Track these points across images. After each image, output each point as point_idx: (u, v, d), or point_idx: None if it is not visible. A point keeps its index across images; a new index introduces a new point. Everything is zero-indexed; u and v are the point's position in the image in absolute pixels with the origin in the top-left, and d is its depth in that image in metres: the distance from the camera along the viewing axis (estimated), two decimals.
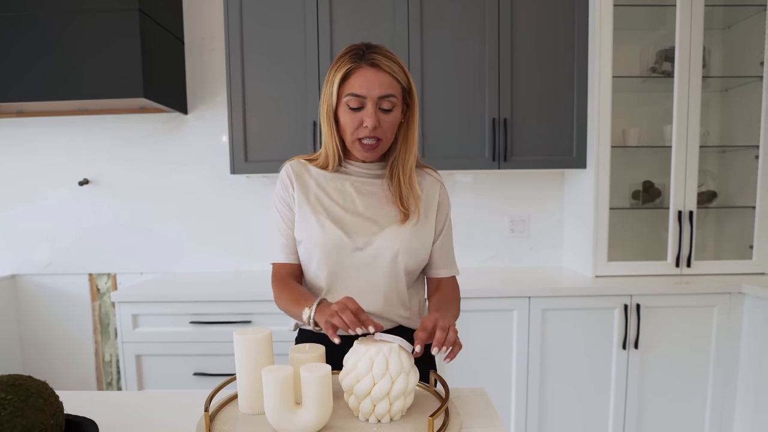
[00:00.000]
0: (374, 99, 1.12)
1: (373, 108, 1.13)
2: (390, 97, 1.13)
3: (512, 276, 2.49)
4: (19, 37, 2.17)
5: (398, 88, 1.15)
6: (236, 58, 2.32)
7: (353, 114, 1.15)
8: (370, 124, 1.13)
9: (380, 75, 1.12)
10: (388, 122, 1.15)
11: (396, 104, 1.15)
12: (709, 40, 2.52)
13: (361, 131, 1.15)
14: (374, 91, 1.12)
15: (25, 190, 2.70)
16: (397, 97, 1.15)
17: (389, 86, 1.13)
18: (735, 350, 2.21)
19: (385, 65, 1.12)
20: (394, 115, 1.16)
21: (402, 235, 1.19)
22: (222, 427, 0.92)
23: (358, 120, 1.14)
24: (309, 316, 1.05)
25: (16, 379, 0.71)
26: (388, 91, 1.13)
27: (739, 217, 2.54)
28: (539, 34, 2.33)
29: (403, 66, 1.16)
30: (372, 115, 1.13)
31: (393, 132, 1.19)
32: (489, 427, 0.94)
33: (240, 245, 2.71)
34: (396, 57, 1.16)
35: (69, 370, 2.79)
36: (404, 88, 1.17)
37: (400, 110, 1.18)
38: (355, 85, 1.13)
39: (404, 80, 1.16)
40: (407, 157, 1.21)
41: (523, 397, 2.22)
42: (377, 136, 1.15)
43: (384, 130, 1.16)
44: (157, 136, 2.66)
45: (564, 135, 2.38)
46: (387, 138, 1.18)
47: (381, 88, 1.12)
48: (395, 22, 2.30)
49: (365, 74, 1.12)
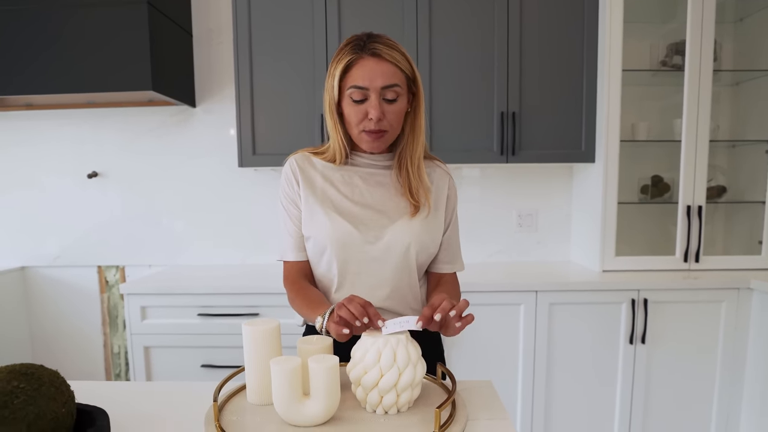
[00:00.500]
0: (377, 90, 1.10)
1: (377, 99, 1.11)
2: (394, 87, 1.11)
3: (519, 270, 2.48)
4: (28, 29, 2.18)
5: (402, 77, 1.13)
6: (244, 51, 2.32)
7: (357, 106, 1.12)
8: (374, 116, 1.11)
9: (382, 65, 1.10)
10: (393, 112, 1.13)
11: (400, 94, 1.13)
12: (721, 33, 2.50)
13: (366, 123, 1.13)
14: (377, 82, 1.10)
15: (33, 182, 2.72)
16: (401, 87, 1.12)
17: (392, 76, 1.11)
18: (743, 346, 2.20)
19: (386, 54, 1.10)
20: (398, 105, 1.14)
21: (413, 228, 1.17)
22: (230, 417, 0.93)
23: (362, 112, 1.12)
24: (321, 325, 1.04)
25: (28, 368, 0.72)
26: (391, 80, 1.10)
27: (748, 213, 2.52)
28: (548, 27, 2.31)
29: (405, 54, 1.13)
30: (376, 106, 1.10)
31: (399, 122, 1.16)
32: (495, 419, 0.94)
33: (247, 238, 2.72)
34: (398, 45, 1.13)
35: (78, 362, 2.81)
36: (408, 76, 1.14)
37: (406, 99, 1.16)
38: (357, 76, 1.10)
39: (408, 68, 1.13)
40: (415, 147, 1.19)
41: (529, 390, 2.22)
42: (382, 128, 1.13)
43: (389, 120, 1.13)
44: (165, 129, 2.66)
45: (573, 129, 2.36)
46: (393, 128, 1.16)
47: (383, 78, 1.10)
48: (404, 13, 2.28)
49: (367, 65, 1.10)
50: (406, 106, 1.16)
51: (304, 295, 1.17)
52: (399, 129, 1.18)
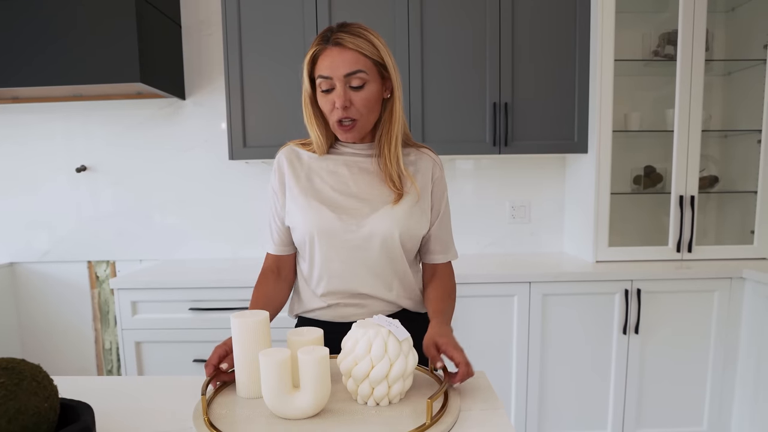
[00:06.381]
0: (341, 78, 1.10)
1: (342, 87, 1.10)
2: (357, 73, 1.10)
3: (513, 261, 2.48)
4: (12, 21, 2.14)
5: (367, 63, 1.11)
6: (234, 43, 2.29)
7: (326, 96, 1.13)
8: (339, 103, 1.11)
9: (345, 53, 1.10)
10: (360, 99, 1.12)
11: (367, 80, 1.11)
12: (713, 23, 2.49)
13: (335, 113, 1.13)
14: (339, 71, 1.10)
15: (21, 177, 2.68)
16: (366, 73, 1.11)
17: (354, 63, 1.10)
18: (735, 335, 2.21)
19: (349, 43, 1.09)
20: (366, 92, 1.12)
21: (395, 216, 1.17)
22: (220, 410, 0.91)
23: (330, 102, 1.13)
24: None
25: (9, 363, 0.70)
26: (354, 67, 1.10)
27: (740, 202, 2.53)
28: (540, 17, 2.30)
29: (372, 41, 1.12)
30: (341, 95, 1.11)
31: (370, 109, 1.14)
32: (489, 409, 0.93)
33: (239, 231, 2.70)
34: (366, 33, 1.12)
35: (69, 358, 2.79)
36: (377, 61, 1.13)
37: (377, 85, 1.14)
38: (322, 66, 1.12)
39: (374, 54, 1.12)
40: (391, 130, 1.17)
41: (523, 381, 2.22)
42: (351, 116, 1.13)
43: (357, 108, 1.13)
44: (154, 122, 2.63)
45: (565, 119, 2.35)
46: (363, 116, 1.14)
47: (345, 66, 1.09)
48: (395, 6, 2.26)
49: (330, 55, 1.10)
50: (377, 92, 1.15)
51: (256, 294, 1.23)
52: (372, 116, 1.17)
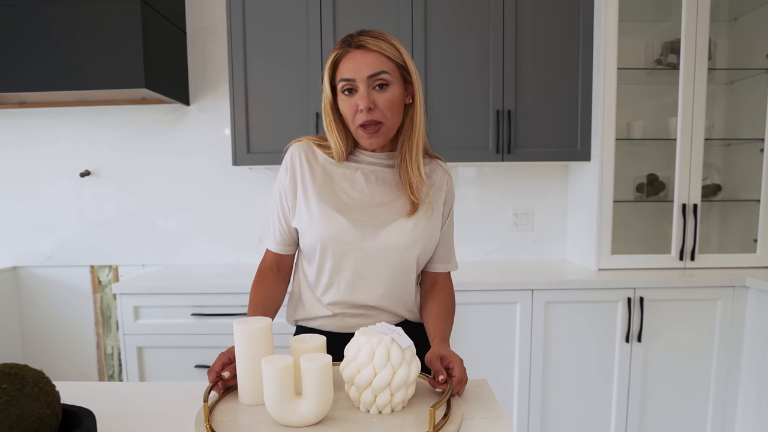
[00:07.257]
0: (364, 80, 1.09)
1: (366, 89, 1.09)
2: (381, 74, 1.09)
3: (515, 269, 2.47)
4: (20, 26, 2.16)
5: (390, 65, 1.11)
6: (238, 49, 2.30)
7: (349, 100, 1.11)
8: (363, 105, 1.09)
9: (368, 55, 1.09)
10: (384, 101, 1.10)
11: (390, 81, 1.11)
12: (715, 32, 2.50)
13: (359, 116, 1.11)
14: (362, 72, 1.09)
15: (26, 181, 2.69)
16: (390, 74, 1.10)
17: (378, 64, 1.09)
18: (738, 344, 2.20)
19: (372, 45, 1.09)
20: (390, 93, 1.11)
21: (410, 228, 1.15)
22: (222, 417, 0.91)
23: (354, 105, 1.11)
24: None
25: (11, 368, 0.70)
26: (377, 68, 1.09)
27: (743, 211, 2.52)
28: (544, 25, 2.31)
29: (395, 44, 1.12)
30: (365, 96, 1.09)
31: (393, 111, 1.13)
32: (491, 418, 0.93)
33: (241, 237, 2.70)
34: (387, 37, 1.12)
35: (71, 363, 2.79)
36: (399, 64, 1.12)
37: (399, 88, 1.13)
38: (344, 70, 1.10)
39: (397, 56, 1.11)
40: (413, 136, 1.16)
41: (525, 389, 2.21)
42: (375, 118, 1.11)
43: (382, 110, 1.11)
44: (159, 128, 2.64)
45: (568, 127, 2.36)
46: (388, 119, 1.12)
47: (369, 67, 1.09)
48: (399, 11, 2.27)
49: (353, 57, 1.10)
50: (400, 95, 1.13)
51: (255, 296, 1.22)
52: (396, 120, 1.15)
